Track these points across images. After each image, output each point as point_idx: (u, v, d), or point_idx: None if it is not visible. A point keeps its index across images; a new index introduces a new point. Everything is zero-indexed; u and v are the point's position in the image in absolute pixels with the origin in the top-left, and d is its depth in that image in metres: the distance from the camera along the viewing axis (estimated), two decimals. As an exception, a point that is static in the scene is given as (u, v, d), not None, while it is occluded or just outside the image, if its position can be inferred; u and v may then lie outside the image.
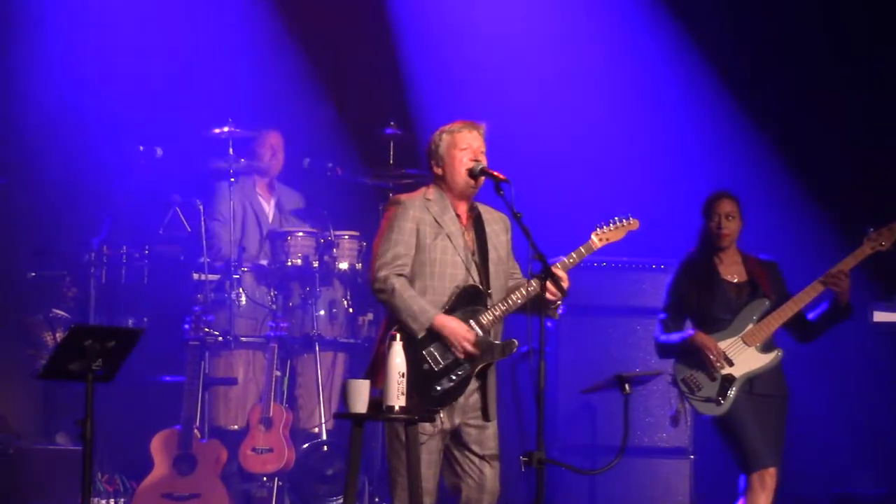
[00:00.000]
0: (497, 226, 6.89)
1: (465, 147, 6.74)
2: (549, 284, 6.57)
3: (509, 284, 6.85)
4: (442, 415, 6.64)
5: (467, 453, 6.72)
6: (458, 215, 6.79)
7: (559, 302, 6.72)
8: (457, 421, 6.70)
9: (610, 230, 6.89)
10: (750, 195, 8.10)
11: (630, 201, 9.72)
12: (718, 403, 7.66)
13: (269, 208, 9.89)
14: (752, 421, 7.65)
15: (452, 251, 6.71)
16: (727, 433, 7.72)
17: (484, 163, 6.74)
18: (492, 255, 6.81)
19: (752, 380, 7.70)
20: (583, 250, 6.82)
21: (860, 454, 9.98)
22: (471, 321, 6.69)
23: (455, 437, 6.73)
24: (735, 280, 7.84)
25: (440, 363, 6.65)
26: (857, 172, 10.08)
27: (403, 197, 6.85)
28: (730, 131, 10.51)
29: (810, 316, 7.81)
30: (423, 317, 6.61)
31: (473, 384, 6.71)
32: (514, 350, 6.74)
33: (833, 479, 9.88)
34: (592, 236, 6.86)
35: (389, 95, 10.70)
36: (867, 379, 9.86)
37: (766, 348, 7.73)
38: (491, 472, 6.74)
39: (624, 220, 6.93)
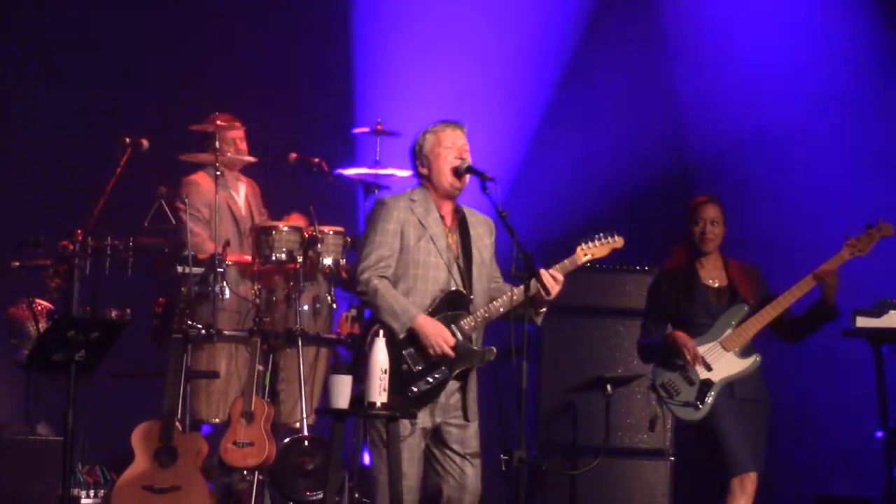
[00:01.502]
0: (481, 228, 6.96)
1: (449, 146, 6.82)
2: (537, 282, 6.67)
3: (491, 287, 6.93)
4: (421, 414, 6.70)
5: (448, 452, 6.79)
6: (442, 217, 6.86)
7: (544, 309, 6.81)
8: (437, 420, 6.77)
9: (595, 246, 6.99)
10: (735, 198, 8.18)
11: (615, 203, 9.83)
12: (696, 408, 7.70)
13: (240, 200, 9.84)
14: (733, 425, 7.68)
15: (436, 253, 6.79)
16: (708, 437, 7.73)
17: (468, 161, 6.83)
18: (475, 257, 6.87)
19: (732, 384, 7.73)
20: (567, 263, 6.90)
21: (842, 459, 10.00)
22: (452, 326, 6.76)
23: (436, 437, 6.80)
24: (715, 285, 7.88)
25: (419, 365, 6.72)
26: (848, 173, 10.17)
27: (387, 198, 6.92)
28: (715, 131, 10.55)
29: (796, 315, 7.82)
30: (405, 316, 6.68)
31: (454, 384, 6.78)
32: (493, 357, 6.81)
33: (815, 484, 9.91)
34: (577, 250, 6.95)
35: (378, 92, 10.69)
36: (849, 384, 9.87)
37: (744, 353, 7.77)
38: (472, 472, 6.81)
39: (609, 238, 7.02)
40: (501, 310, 6.77)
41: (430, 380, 6.73)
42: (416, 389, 6.70)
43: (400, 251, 6.78)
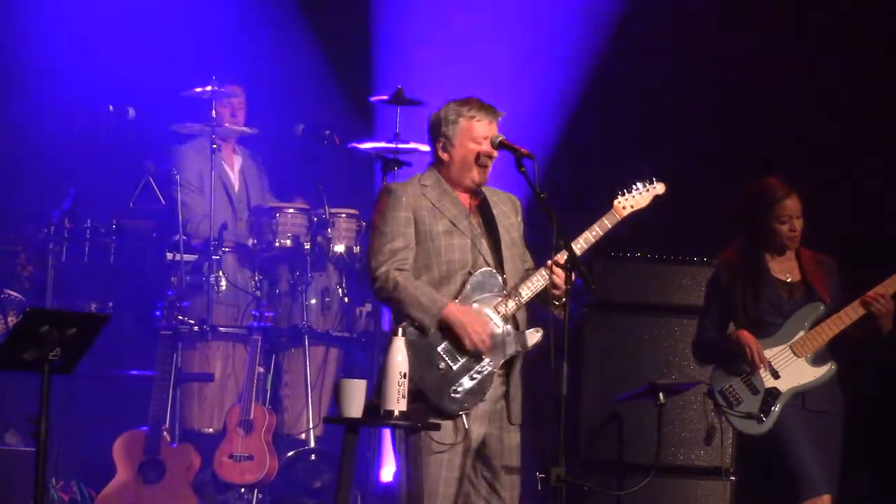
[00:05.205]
0: (506, 206, 6.92)
1: (481, 141, 6.76)
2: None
3: (525, 270, 6.87)
4: (467, 424, 6.63)
5: (485, 471, 6.75)
6: (459, 197, 6.83)
7: (562, 296, 6.68)
8: (483, 431, 6.70)
9: (633, 197, 6.92)
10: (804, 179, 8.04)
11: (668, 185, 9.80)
12: (760, 421, 7.58)
13: (233, 175, 9.98)
14: (805, 441, 7.55)
15: (459, 234, 6.75)
16: (774, 454, 7.59)
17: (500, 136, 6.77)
18: (504, 237, 6.83)
19: (803, 394, 7.62)
20: (606, 222, 6.82)
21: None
22: (487, 311, 6.69)
23: (477, 450, 6.74)
24: (788, 279, 7.73)
25: (458, 360, 6.65)
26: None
27: (393, 184, 6.88)
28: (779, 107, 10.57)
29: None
30: (435, 307, 6.62)
31: (500, 387, 6.72)
32: (540, 338, 6.73)
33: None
34: (615, 204, 6.87)
35: (397, 56, 10.72)
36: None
37: (817, 360, 7.62)
38: (508, 496, 6.76)
39: (648, 185, 6.96)
40: (542, 284, 6.70)
41: (475, 375, 6.67)
42: (459, 389, 6.64)
43: (417, 241, 6.74)
